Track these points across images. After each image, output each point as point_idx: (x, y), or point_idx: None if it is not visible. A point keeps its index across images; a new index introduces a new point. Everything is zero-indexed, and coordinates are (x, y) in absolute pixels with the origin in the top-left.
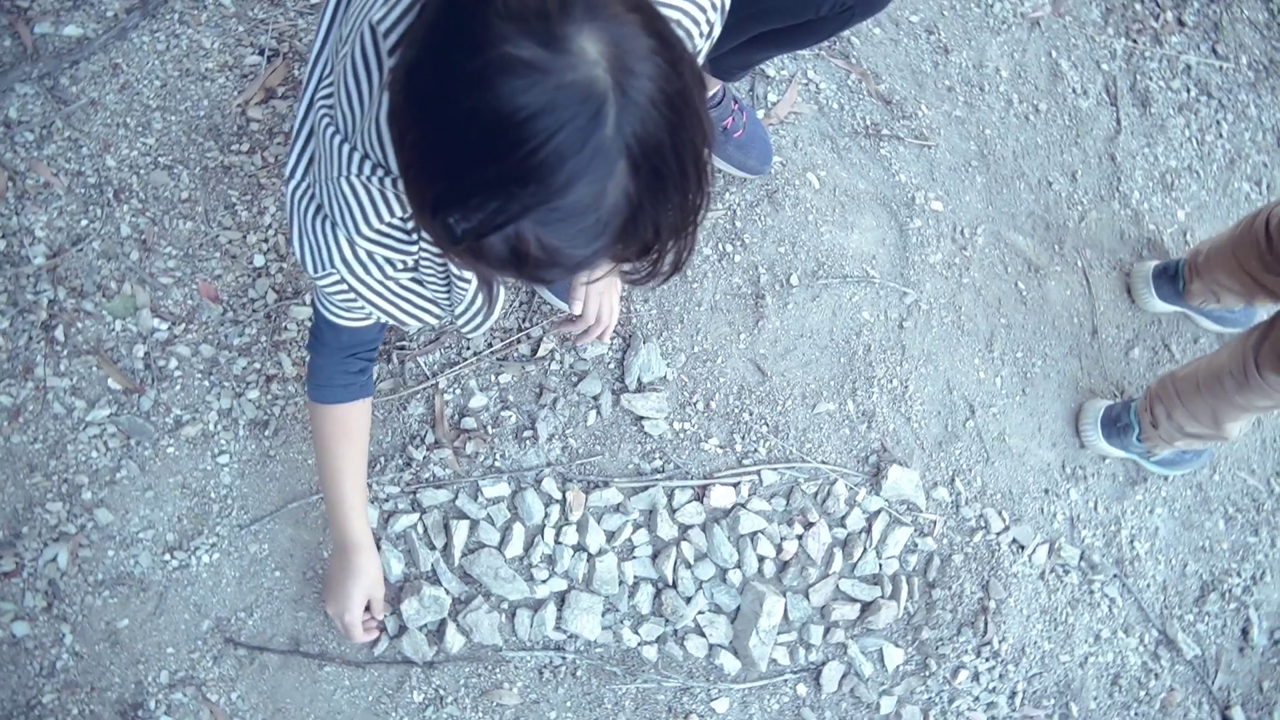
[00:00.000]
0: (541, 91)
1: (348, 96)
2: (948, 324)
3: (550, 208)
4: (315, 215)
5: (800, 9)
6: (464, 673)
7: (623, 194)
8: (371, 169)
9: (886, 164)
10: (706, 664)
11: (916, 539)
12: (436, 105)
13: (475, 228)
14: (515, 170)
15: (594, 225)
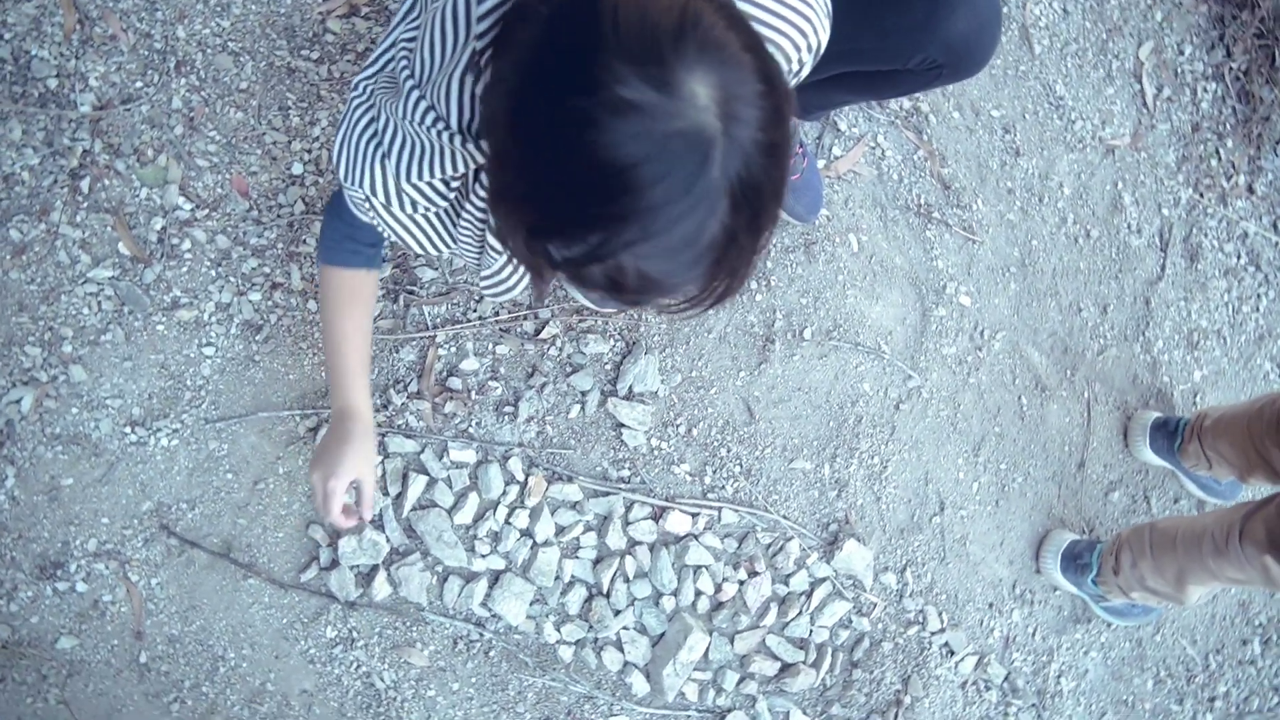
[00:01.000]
0: (651, 138)
1: (429, 47)
2: (943, 417)
3: (654, 242)
4: (368, 136)
5: (891, 56)
6: (382, 622)
7: (721, 229)
8: (434, 121)
9: (928, 246)
10: (616, 679)
11: (853, 616)
12: (544, 138)
13: (575, 258)
14: (621, 211)
15: (692, 258)
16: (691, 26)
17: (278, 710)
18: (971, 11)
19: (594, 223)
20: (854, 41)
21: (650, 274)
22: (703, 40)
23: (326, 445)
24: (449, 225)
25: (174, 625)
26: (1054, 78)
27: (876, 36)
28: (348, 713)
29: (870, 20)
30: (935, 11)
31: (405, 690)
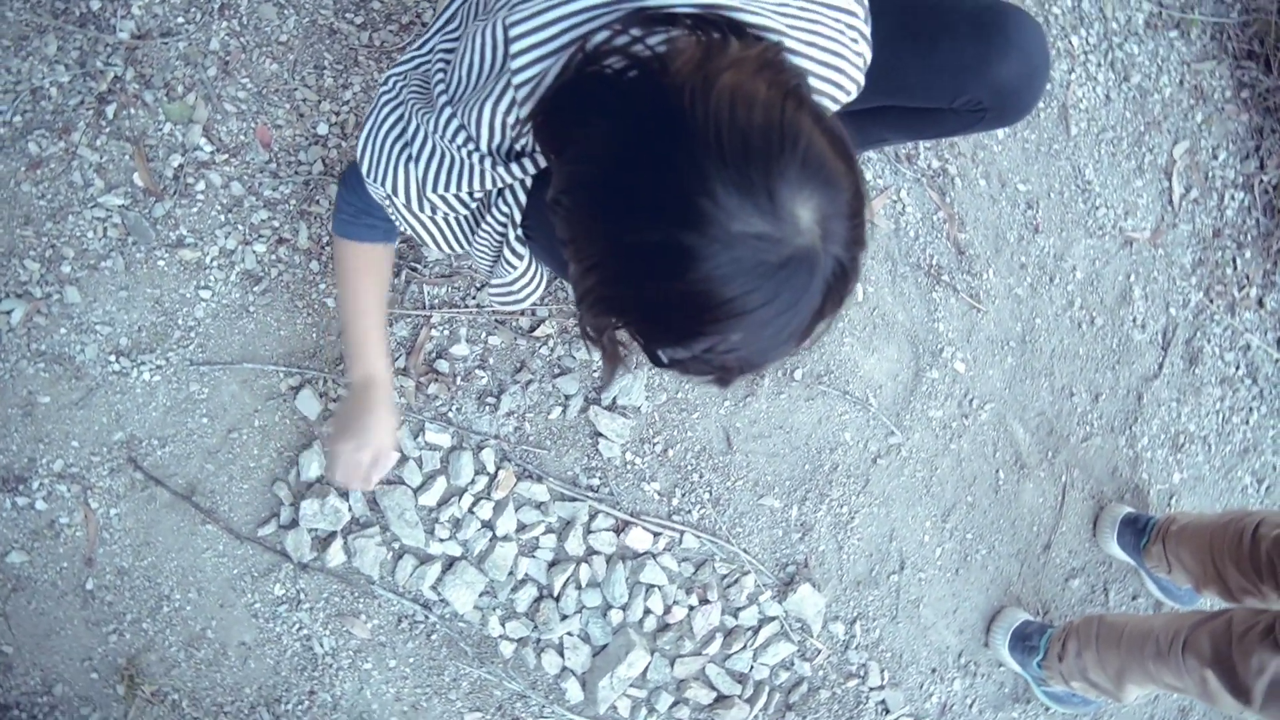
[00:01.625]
0: (762, 270)
1: (466, 67)
2: (918, 478)
3: (757, 342)
4: (394, 137)
5: (936, 94)
6: (331, 589)
7: (813, 317)
8: (465, 140)
9: (932, 308)
10: (552, 682)
11: (796, 659)
12: (647, 263)
13: (684, 362)
14: (731, 327)
15: (790, 344)
16: (791, 143)
17: (213, 658)
18: (1023, 57)
19: (702, 335)
20: (901, 75)
21: (752, 363)
22: (804, 159)
23: (352, 414)
24: (467, 231)
25: (125, 558)
26: (1085, 161)
27: (924, 72)
28: (282, 671)
29: (919, 55)
30: (987, 53)
31: (343, 659)
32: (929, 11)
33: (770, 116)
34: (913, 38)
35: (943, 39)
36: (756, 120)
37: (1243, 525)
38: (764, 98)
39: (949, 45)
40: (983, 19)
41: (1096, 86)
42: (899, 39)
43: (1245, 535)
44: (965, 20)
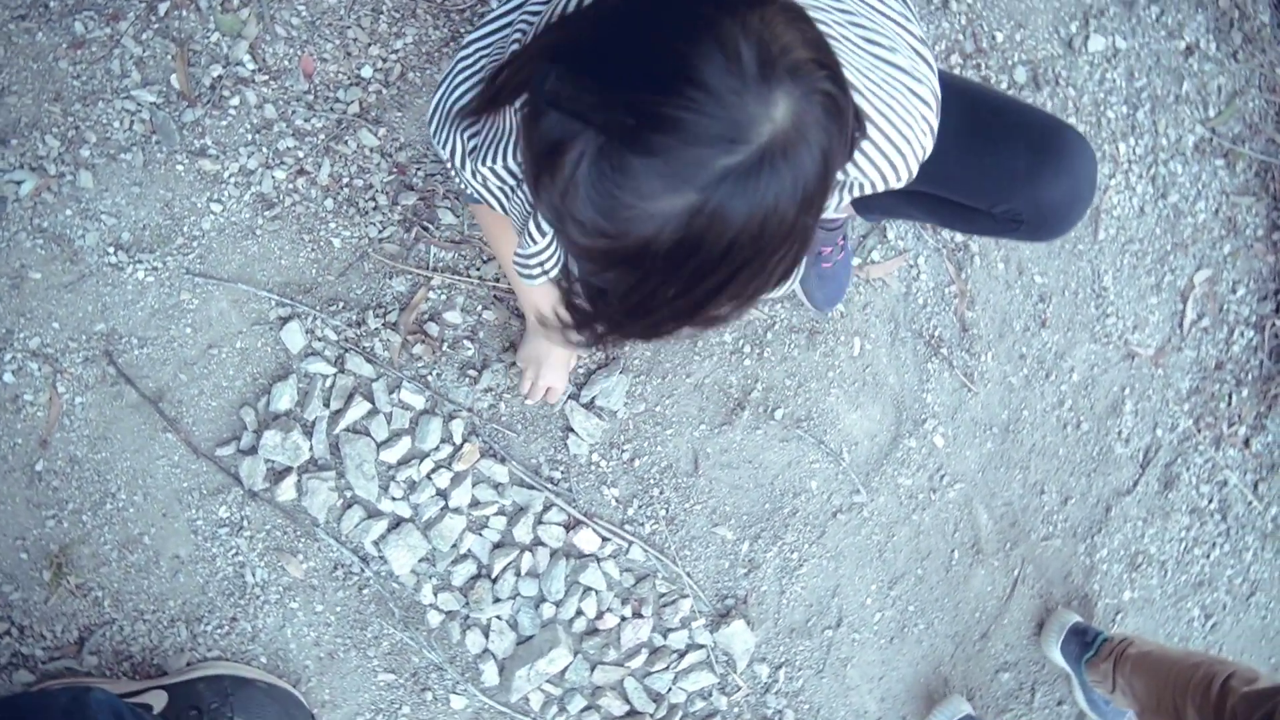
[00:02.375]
0: (721, 85)
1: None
2: (873, 541)
3: (620, 155)
4: (461, 108)
5: (978, 195)
6: (274, 522)
7: (657, 220)
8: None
9: (924, 378)
10: (471, 661)
11: (715, 691)
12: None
13: (561, 96)
14: (639, 103)
15: (616, 208)
16: (810, 70)
17: (144, 565)
18: (1072, 181)
19: (607, 89)
20: (948, 168)
21: (578, 183)
22: (808, 87)
23: (541, 346)
24: (507, 197)
25: (80, 448)
26: (1106, 268)
27: (972, 172)
28: (209, 592)
29: (973, 154)
30: (1038, 169)
31: (271, 593)
32: (992, 113)
33: (812, 47)
34: (969, 135)
35: (1000, 145)
36: (804, 38)
37: (1213, 672)
38: (810, 50)
39: (1004, 152)
40: (1044, 135)
41: (1133, 197)
42: (957, 132)
43: (1215, 683)
44: (1026, 131)
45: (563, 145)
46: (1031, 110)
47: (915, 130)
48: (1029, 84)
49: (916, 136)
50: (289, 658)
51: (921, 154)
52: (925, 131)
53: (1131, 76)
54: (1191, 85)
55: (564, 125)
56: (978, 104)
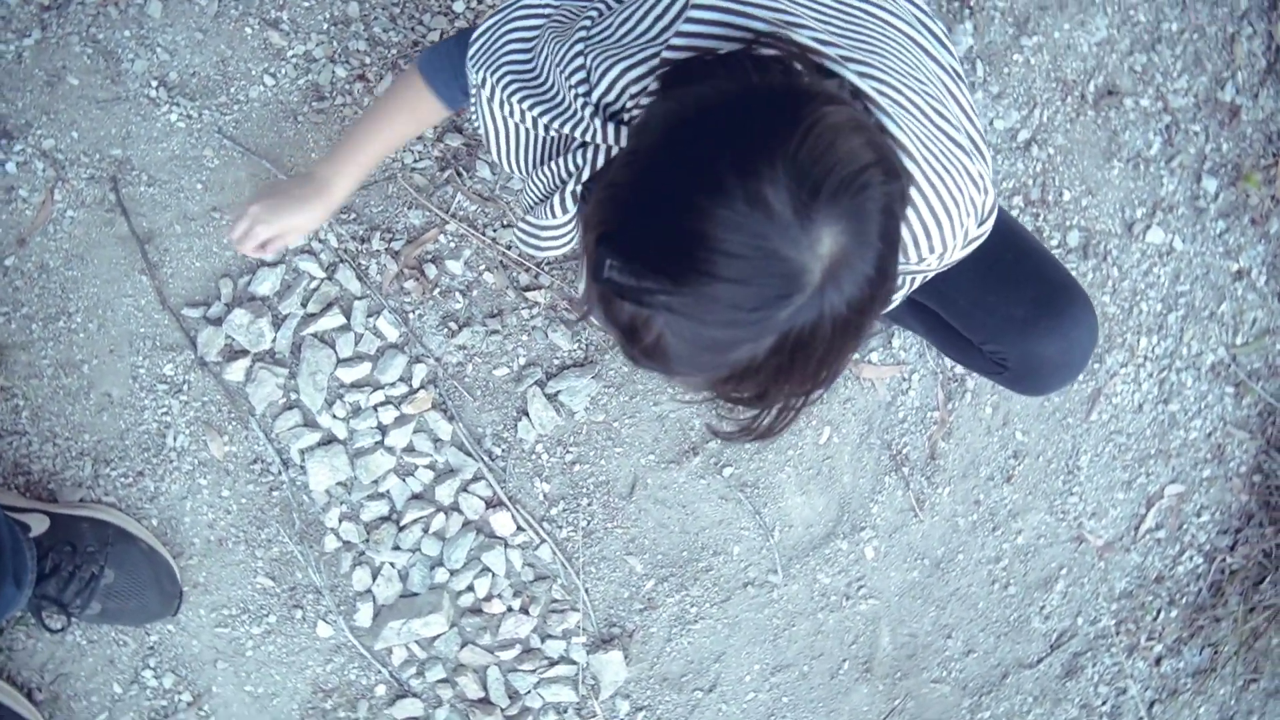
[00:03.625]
0: (761, 247)
1: (622, 23)
2: (773, 624)
3: (692, 326)
4: (516, 40)
5: (972, 325)
6: (214, 398)
7: (750, 360)
8: (579, 82)
9: (877, 488)
10: (351, 596)
11: (571, 710)
12: (676, 181)
13: (621, 287)
14: (689, 282)
15: (711, 363)
16: (858, 189)
17: (74, 391)
18: (1064, 345)
19: (658, 272)
20: (955, 291)
21: (666, 347)
22: (858, 207)
23: (284, 189)
24: (533, 159)
25: (55, 258)
26: (1087, 449)
27: (973, 302)
28: (126, 440)
29: (981, 285)
30: (1035, 322)
31: (185, 463)
32: (1015, 254)
33: (860, 158)
34: (986, 266)
35: (1009, 286)
36: (850, 150)
37: None
38: (864, 153)
39: (1010, 294)
40: (1053, 292)
41: (1136, 392)
42: (975, 259)
43: None
44: (1038, 283)
45: (639, 328)
46: (1054, 265)
47: (961, 206)
48: (1078, 250)
49: (960, 214)
50: (179, 530)
51: (962, 234)
52: (970, 212)
53: (1177, 279)
54: (1229, 308)
55: (634, 310)
56: (1007, 240)
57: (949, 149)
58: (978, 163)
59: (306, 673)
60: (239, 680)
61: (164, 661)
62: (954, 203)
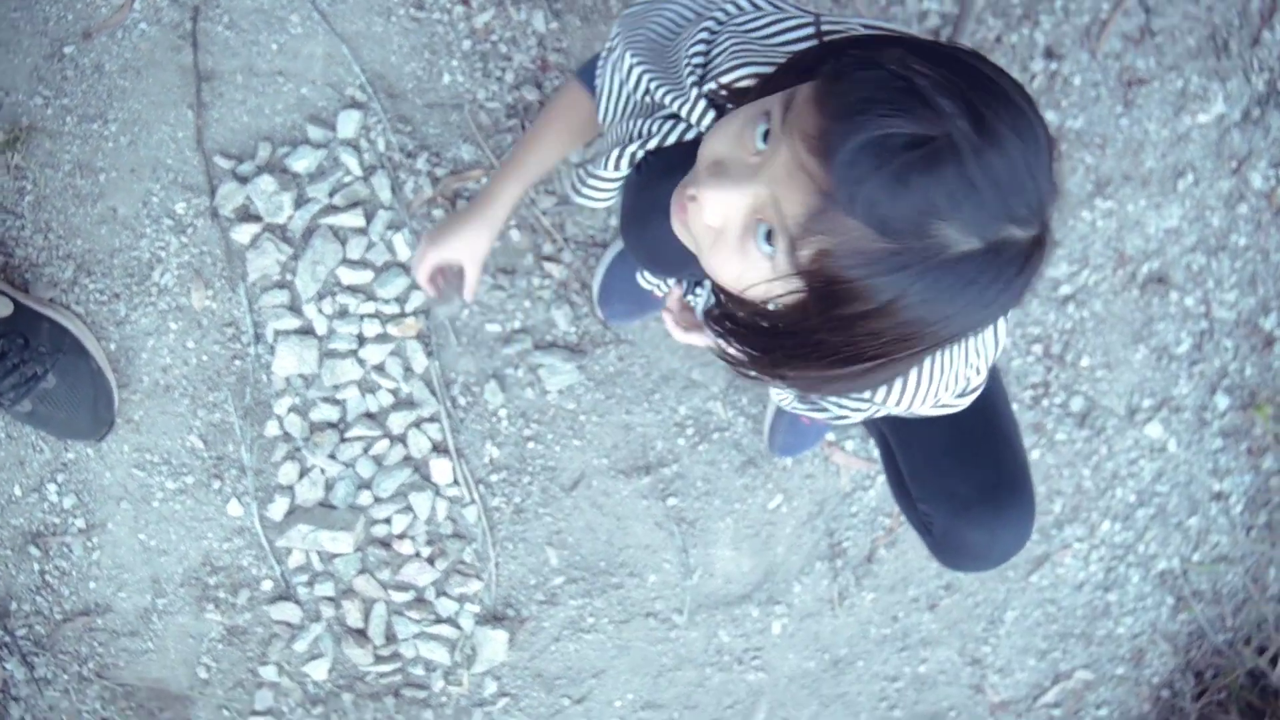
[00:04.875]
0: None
1: (760, 24)
2: (660, 661)
3: (964, 168)
4: (652, 27)
5: (916, 478)
6: (213, 251)
7: (944, 247)
8: (697, 60)
9: (806, 570)
10: (271, 486)
11: (440, 671)
12: None
13: (921, 79)
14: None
15: (930, 230)
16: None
17: (83, 195)
18: (988, 541)
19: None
20: (914, 440)
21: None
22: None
23: (450, 218)
24: (623, 109)
25: (113, 63)
26: (1016, 607)
27: (926, 462)
28: (114, 259)
29: (938, 447)
30: (971, 505)
31: (163, 301)
32: (984, 430)
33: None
34: (950, 431)
35: (963, 458)
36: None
37: None
38: None
39: (959, 468)
40: (999, 485)
41: (1082, 570)
42: (945, 419)
43: None
44: (991, 469)
45: (922, 136)
46: (1015, 457)
47: (947, 379)
48: (1077, 416)
49: (942, 384)
50: (134, 363)
51: (934, 400)
52: (953, 386)
53: (1159, 478)
54: (1198, 523)
55: (923, 110)
56: (984, 415)
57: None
58: (988, 346)
59: (203, 543)
60: (136, 526)
61: (71, 481)
62: (942, 373)
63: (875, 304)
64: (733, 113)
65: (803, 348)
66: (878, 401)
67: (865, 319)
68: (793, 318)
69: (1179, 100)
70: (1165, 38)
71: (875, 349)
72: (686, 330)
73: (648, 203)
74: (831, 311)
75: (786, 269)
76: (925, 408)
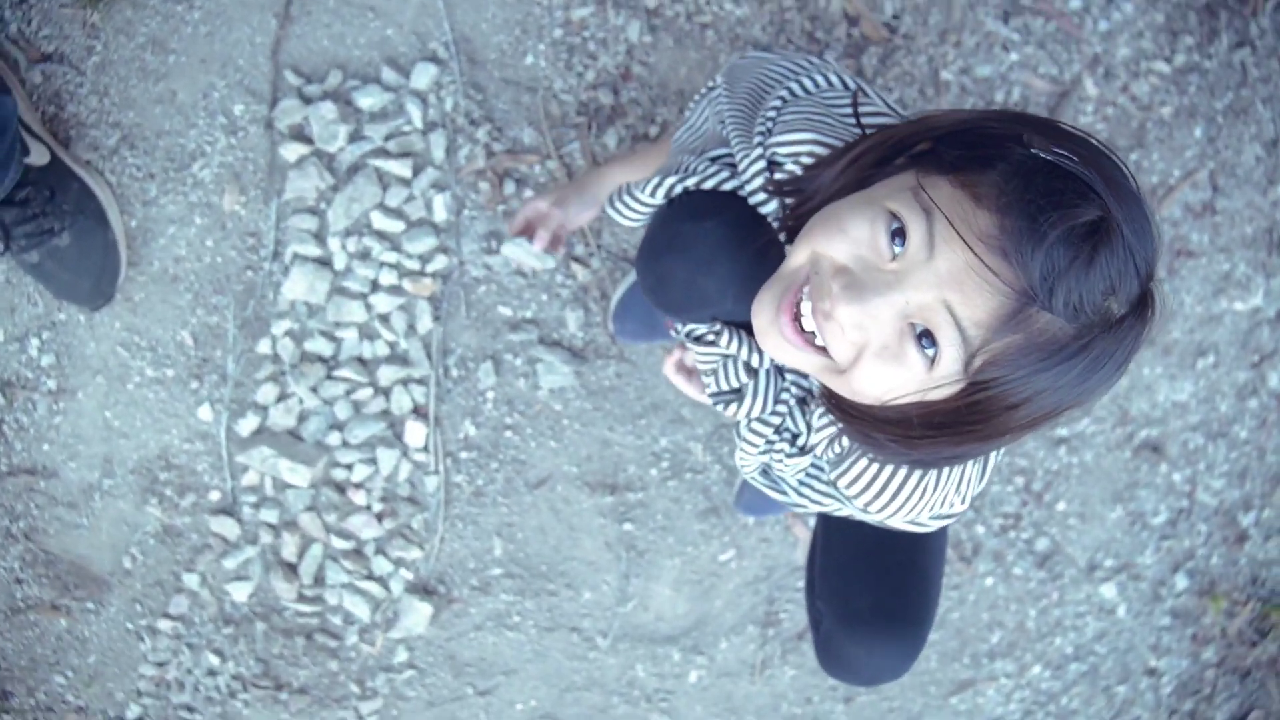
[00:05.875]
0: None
1: (811, 108)
2: (570, 678)
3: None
4: (758, 78)
5: (824, 573)
6: (258, 160)
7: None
8: (765, 129)
9: (738, 629)
10: (248, 402)
11: (355, 626)
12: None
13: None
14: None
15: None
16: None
17: (148, 70)
18: (864, 661)
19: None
20: (841, 538)
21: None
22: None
23: (566, 186)
24: (693, 142)
25: None
26: None
27: (841, 564)
28: (160, 141)
29: (859, 554)
30: (862, 622)
31: (195, 195)
32: (909, 559)
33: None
34: (878, 542)
35: (877, 576)
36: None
37: None
38: None
39: (869, 582)
40: (900, 613)
41: (1001, 706)
42: (879, 531)
43: None
44: (899, 595)
45: (1096, 220)
46: (924, 594)
47: (925, 502)
48: (1038, 556)
49: (918, 505)
50: (149, 245)
51: (900, 517)
52: (928, 510)
53: (1100, 638)
54: (1125, 692)
55: (1088, 193)
56: (917, 546)
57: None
58: (979, 477)
59: (165, 437)
60: (105, 402)
61: (55, 342)
62: (937, 490)
63: (1031, 391)
64: (833, 212)
65: (937, 430)
66: (856, 505)
67: (1016, 408)
68: (939, 410)
69: (1221, 282)
70: (1225, 219)
71: (1018, 428)
72: (686, 379)
73: (664, 240)
74: (991, 405)
75: (955, 373)
76: (898, 520)
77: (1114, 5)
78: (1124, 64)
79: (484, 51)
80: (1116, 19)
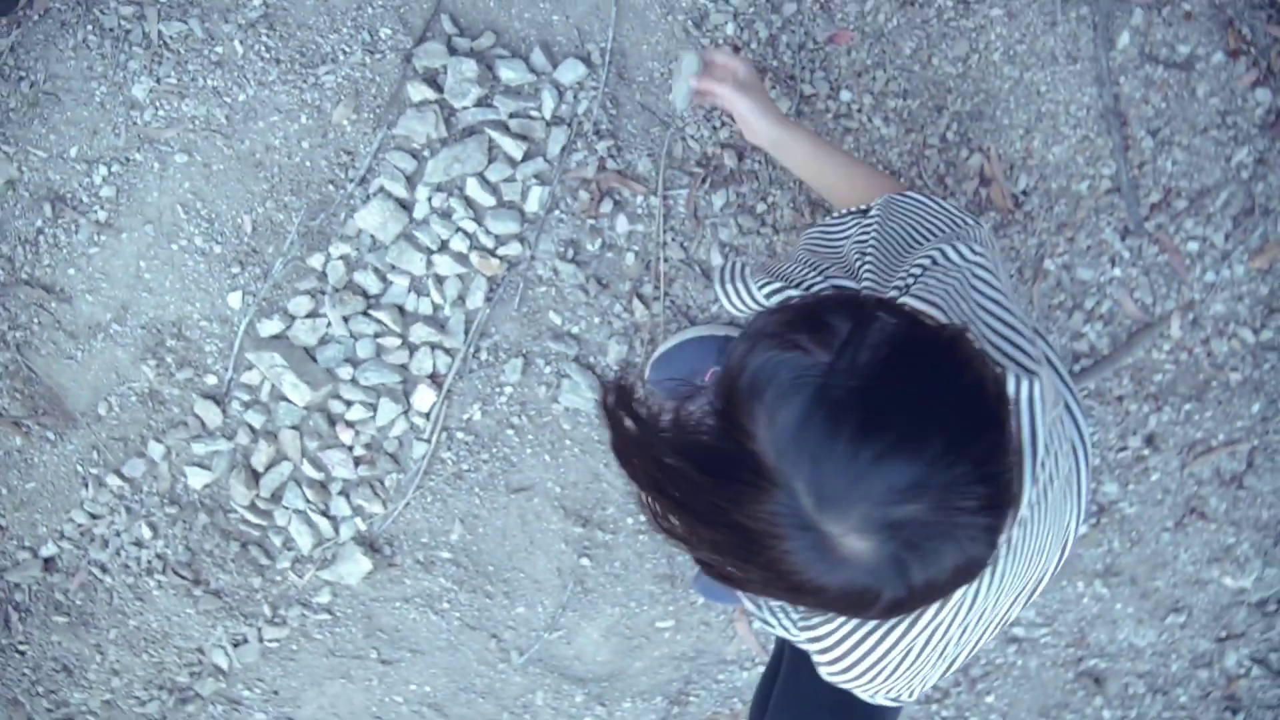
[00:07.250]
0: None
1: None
2: (474, 681)
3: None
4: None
5: (784, 696)
6: (398, 88)
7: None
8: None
9: (635, 697)
10: (279, 306)
11: (296, 557)
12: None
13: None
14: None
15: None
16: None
17: None
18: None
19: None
20: (805, 678)
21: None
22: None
23: (765, 95)
24: (804, 272)
25: None
26: None
27: (800, 703)
28: (295, 34)
29: (813, 705)
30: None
31: (311, 94)
32: (860, 714)
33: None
34: (835, 701)
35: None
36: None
37: None
38: None
39: (822, 711)
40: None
41: None
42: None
43: None
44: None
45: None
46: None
47: (863, 677)
48: None
49: (879, 678)
50: (249, 125)
51: (855, 682)
52: (890, 689)
53: None
54: None
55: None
56: (874, 711)
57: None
58: (936, 673)
59: (187, 307)
60: (144, 252)
61: (122, 177)
62: (896, 672)
63: None
64: None
65: None
66: (814, 650)
67: None
68: None
69: (1220, 553)
70: (1248, 496)
71: None
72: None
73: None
74: None
75: None
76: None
77: (1227, 263)
78: (1214, 319)
79: (635, 71)
80: (1225, 275)
